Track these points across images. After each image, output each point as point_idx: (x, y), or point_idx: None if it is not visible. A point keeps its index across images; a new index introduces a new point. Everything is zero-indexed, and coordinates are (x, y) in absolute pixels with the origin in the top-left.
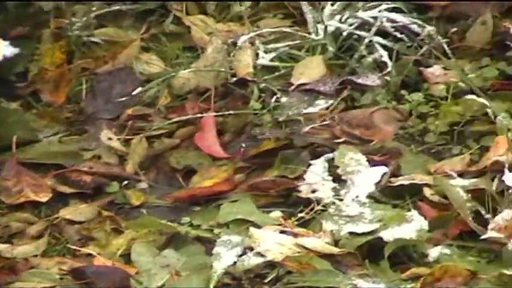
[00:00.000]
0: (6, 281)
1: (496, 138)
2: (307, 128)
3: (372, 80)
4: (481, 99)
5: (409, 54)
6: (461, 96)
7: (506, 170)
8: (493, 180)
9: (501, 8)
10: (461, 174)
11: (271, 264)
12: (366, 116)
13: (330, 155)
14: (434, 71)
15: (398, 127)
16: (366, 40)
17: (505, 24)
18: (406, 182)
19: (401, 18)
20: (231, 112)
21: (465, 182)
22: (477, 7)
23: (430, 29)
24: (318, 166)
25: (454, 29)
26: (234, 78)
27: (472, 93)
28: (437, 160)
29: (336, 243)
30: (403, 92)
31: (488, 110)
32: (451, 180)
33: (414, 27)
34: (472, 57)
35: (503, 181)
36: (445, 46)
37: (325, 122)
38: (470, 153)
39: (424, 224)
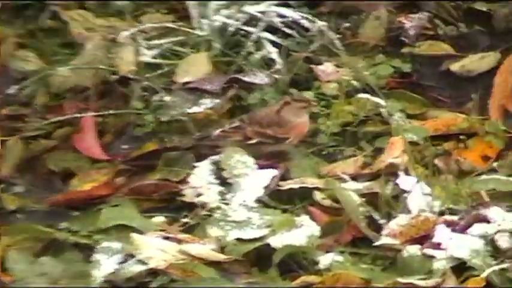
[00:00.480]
0: None
1: (390, 140)
2: (217, 132)
3: (260, 78)
4: (375, 98)
5: (299, 51)
6: (354, 95)
7: (401, 173)
8: (387, 183)
9: (395, 2)
10: (354, 177)
11: (154, 272)
12: (274, 114)
13: (216, 157)
14: (326, 68)
15: (308, 115)
16: (254, 36)
17: (400, 19)
18: (296, 186)
19: (290, 13)
20: (112, 112)
21: (358, 185)
22: (371, 1)
23: (321, 24)
24: (203, 169)
25: (347, 25)
26: (115, 76)
27: (366, 92)
28: (329, 162)
29: (222, 249)
30: (292, 90)
31: (383, 110)
32: (343, 183)
33: (304, 22)
34: (365, 54)
35: (397, 184)
36: (337, 42)
37: (234, 124)
38: (364, 155)
39: (315, 230)
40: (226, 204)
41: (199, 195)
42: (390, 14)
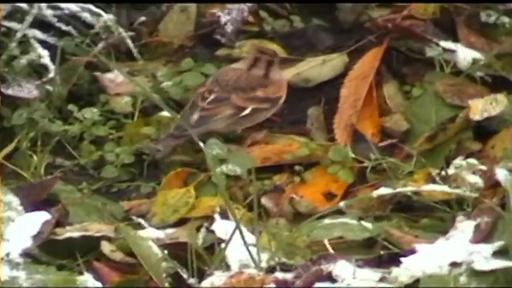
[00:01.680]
0: None
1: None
2: (195, 116)
3: (27, 90)
4: None
5: (79, 54)
6: (154, 112)
7: (216, 216)
8: (198, 230)
9: None
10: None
11: None
12: (254, 75)
13: None
14: (115, 77)
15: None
16: (19, 34)
17: (214, 11)
18: (76, 234)
19: (67, 4)
20: None
21: (160, 232)
22: None
23: (107, 18)
24: None
25: (142, 19)
26: None
27: (169, 107)
28: (121, 201)
29: None
30: (71, 107)
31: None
32: (140, 230)
33: (86, 16)
34: (168, 58)
35: (213, 231)
36: (130, 42)
37: (211, 97)
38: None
39: None
40: None
41: None
42: (200, 4)
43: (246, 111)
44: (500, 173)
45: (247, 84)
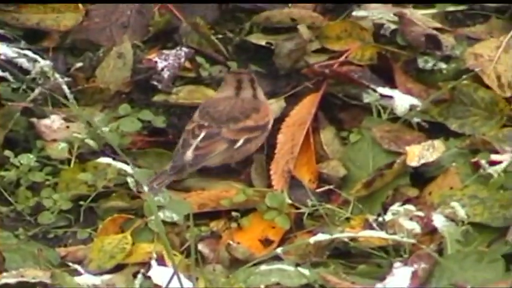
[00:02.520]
0: None
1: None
2: (189, 155)
3: None
4: (119, 163)
5: (16, 99)
6: (91, 158)
7: (153, 263)
8: (135, 276)
9: (143, 34)
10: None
11: None
12: (244, 98)
13: None
14: (52, 123)
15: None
16: None
17: (150, 57)
18: (12, 281)
19: (4, 49)
20: None
21: (96, 279)
22: (111, 34)
23: (44, 63)
24: None
25: (79, 64)
26: None
27: (106, 154)
28: (58, 247)
29: None
30: (7, 152)
31: (130, 179)
32: (76, 276)
33: (22, 61)
34: (104, 104)
35: (149, 278)
36: (66, 88)
37: (202, 134)
38: None
39: None
40: None
41: None
42: (137, 49)
43: (239, 143)
44: (437, 219)
45: (241, 112)
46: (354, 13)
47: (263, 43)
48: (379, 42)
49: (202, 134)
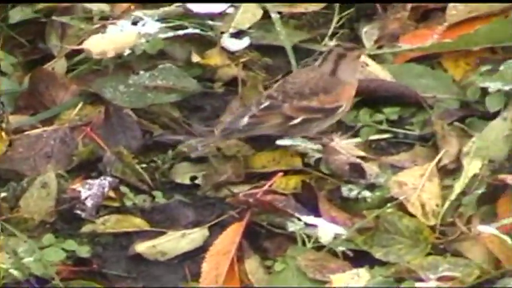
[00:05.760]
0: None
1: None
2: (245, 120)
3: None
4: None
5: None
6: None
7: None
8: None
9: (67, 164)
10: None
11: None
12: (325, 76)
13: None
14: None
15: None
16: None
17: (74, 187)
18: None
19: None
20: None
21: None
22: (35, 164)
23: None
24: None
25: (3, 194)
26: None
27: (31, 284)
28: None
29: None
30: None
31: None
32: None
33: None
34: (29, 234)
35: None
36: None
37: (264, 104)
38: None
39: None
40: None
41: None
42: (61, 179)
43: (295, 121)
44: None
45: (311, 89)
46: (278, 142)
47: (187, 180)
48: (304, 171)
49: (265, 104)
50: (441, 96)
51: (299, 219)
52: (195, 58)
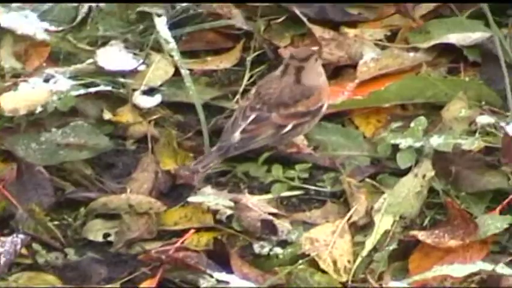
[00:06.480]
0: None
1: None
2: (237, 136)
3: None
4: None
5: None
6: None
7: None
8: None
9: None
10: None
11: None
12: (293, 81)
13: None
14: None
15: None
16: None
17: None
18: None
19: None
20: None
21: None
22: None
23: None
24: None
25: None
26: None
27: None
28: None
29: None
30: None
31: None
32: None
33: None
34: None
35: None
36: None
37: (252, 117)
38: None
39: None
40: None
41: None
42: None
43: (287, 128)
44: None
45: (290, 97)
46: (189, 199)
47: (99, 237)
48: (216, 227)
49: (252, 117)
50: (352, 153)
51: (211, 276)
52: (107, 115)
